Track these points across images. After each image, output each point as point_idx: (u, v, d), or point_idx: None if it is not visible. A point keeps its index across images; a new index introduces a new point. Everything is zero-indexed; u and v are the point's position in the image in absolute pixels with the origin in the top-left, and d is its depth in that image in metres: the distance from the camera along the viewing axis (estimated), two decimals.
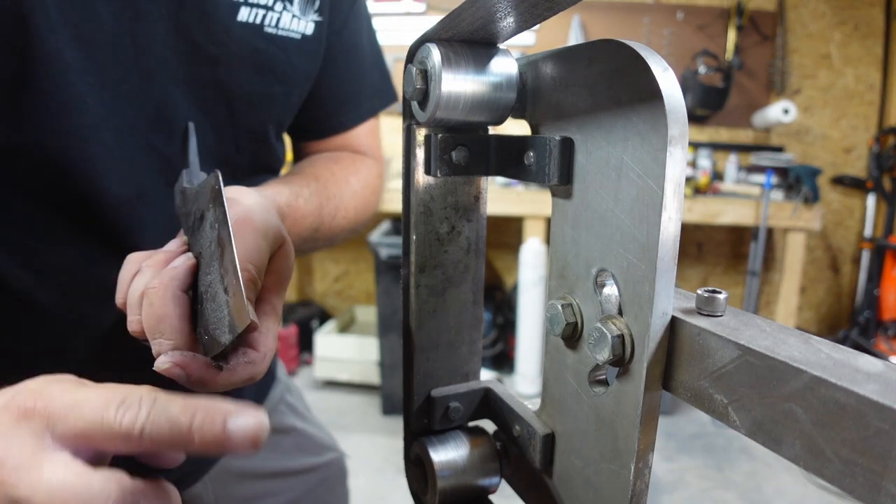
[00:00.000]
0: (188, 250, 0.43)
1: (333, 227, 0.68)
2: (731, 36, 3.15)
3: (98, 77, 0.51)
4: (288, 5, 0.63)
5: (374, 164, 0.82)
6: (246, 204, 0.45)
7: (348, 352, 2.91)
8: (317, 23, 0.66)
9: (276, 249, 0.45)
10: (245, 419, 0.28)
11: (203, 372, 0.36)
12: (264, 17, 0.61)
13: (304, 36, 0.65)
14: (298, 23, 0.64)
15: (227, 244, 0.36)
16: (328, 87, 0.74)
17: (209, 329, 0.36)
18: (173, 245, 0.45)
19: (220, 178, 0.40)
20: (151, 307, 0.37)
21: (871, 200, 3.24)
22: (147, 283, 0.39)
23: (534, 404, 0.39)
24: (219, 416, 0.28)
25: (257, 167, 0.69)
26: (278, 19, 0.62)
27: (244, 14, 0.59)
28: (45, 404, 0.29)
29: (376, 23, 0.81)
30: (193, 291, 0.40)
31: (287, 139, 0.80)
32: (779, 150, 3.20)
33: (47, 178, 0.51)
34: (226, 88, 0.61)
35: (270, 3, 0.61)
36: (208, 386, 0.37)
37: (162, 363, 0.35)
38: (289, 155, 0.78)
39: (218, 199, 0.39)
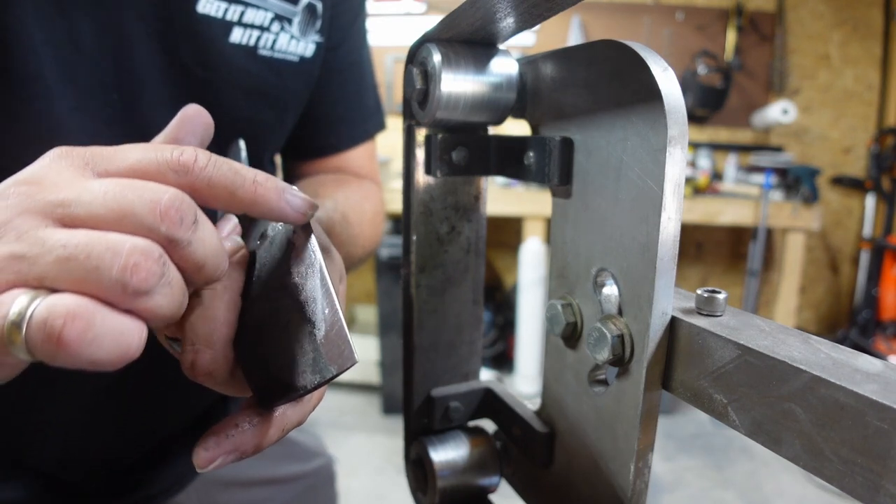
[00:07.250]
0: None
1: (353, 255, 0.65)
2: (731, 36, 3.15)
3: (79, 101, 0.49)
4: (286, 26, 0.59)
5: (378, 189, 0.79)
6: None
7: None
8: (317, 44, 0.63)
9: (339, 286, 0.42)
10: (301, 195, 0.30)
11: (252, 440, 0.32)
12: (259, 38, 0.57)
13: (302, 59, 0.61)
14: (297, 45, 0.60)
15: (318, 271, 0.31)
16: (324, 104, 0.71)
17: (273, 369, 0.31)
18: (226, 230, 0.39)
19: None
20: (203, 308, 0.31)
21: (870, 200, 3.24)
22: None
23: (534, 404, 0.39)
24: (280, 183, 0.30)
25: None
26: (274, 41, 0.58)
27: (237, 35, 0.55)
28: (86, 149, 0.28)
29: (377, 23, 0.79)
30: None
31: (277, 158, 0.76)
32: (778, 150, 3.20)
33: None
34: (214, 113, 0.57)
35: (266, 24, 0.57)
36: (258, 449, 0.33)
37: (204, 460, 0.30)
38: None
39: (306, 226, 0.33)
